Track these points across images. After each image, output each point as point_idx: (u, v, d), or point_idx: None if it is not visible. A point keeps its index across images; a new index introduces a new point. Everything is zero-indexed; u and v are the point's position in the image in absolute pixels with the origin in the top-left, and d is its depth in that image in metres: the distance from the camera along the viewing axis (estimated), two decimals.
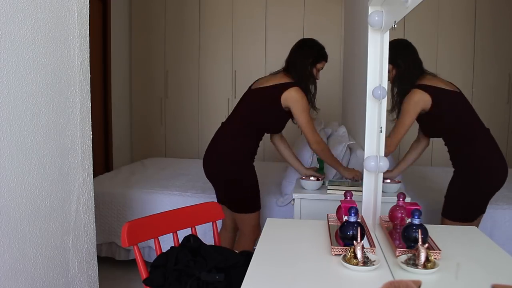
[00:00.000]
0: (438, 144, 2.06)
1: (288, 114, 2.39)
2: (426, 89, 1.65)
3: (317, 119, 3.64)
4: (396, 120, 1.71)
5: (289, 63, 2.45)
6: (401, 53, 1.69)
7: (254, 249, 1.46)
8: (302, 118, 2.33)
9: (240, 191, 2.40)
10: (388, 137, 1.68)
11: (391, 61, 1.64)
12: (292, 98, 2.31)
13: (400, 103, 1.66)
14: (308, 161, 2.85)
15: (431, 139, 1.93)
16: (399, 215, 1.54)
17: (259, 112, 2.40)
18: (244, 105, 2.47)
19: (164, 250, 1.48)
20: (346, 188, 2.26)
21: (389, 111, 1.68)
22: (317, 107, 2.50)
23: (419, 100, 1.65)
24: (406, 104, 1.67)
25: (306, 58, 2.42)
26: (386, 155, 1.67)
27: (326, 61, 2.51)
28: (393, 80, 1.71)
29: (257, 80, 2.56)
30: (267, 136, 2.66)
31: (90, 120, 1.88)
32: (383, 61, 1.69)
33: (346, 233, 1.44)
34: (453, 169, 1.81)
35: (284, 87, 2.33)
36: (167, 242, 2.79)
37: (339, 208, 1.71)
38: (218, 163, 2.40)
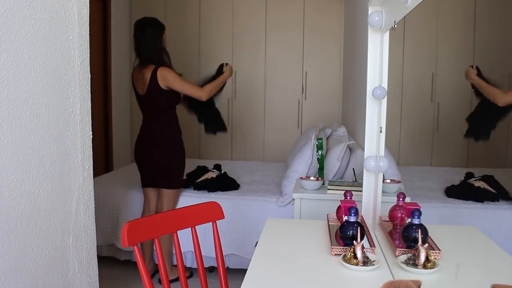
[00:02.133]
0: (438, 144, 2.06)
1: (172, 90, 2.73)
2: None
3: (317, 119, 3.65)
4: None
5: (142, 54, 2.75)
6: None
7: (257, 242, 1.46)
8: (178, 84, 2.70)
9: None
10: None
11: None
12: (163, 77, 2.67)
13: None
14: (308, 161, 2.85)
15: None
16: (399, 215, 1.55)
17: (164, 102, 2.77)
18: (148, 108, 2.85)
19: (164, 250, 1.48)
20: (346, 188, 2.27)
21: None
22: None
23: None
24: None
25: (153, 37, 2.72)
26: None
27: (163, 29, 2.79)
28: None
29: (132, 79, 2.91)
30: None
31: (90, 120, 1.88)
32: (383, 61, 1.69)
33: (346, 233, 1.44)
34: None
35: (154, 74, 2.68)
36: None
37: (339, 208, 1.71)
38: (154, 151, 2.81)
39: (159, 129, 2.83)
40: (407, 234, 1.38)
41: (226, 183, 3.10)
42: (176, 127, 2.86)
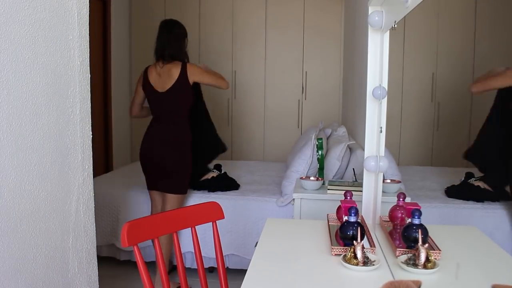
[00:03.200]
0: (438, 144, 2.06)
1: (193, 87, 2.76)
2: None
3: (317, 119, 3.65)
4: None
5: (168, 52, 2.72)
6: None
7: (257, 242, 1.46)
8: (206, 76, 2.76)
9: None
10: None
11: None
12: (194, 72, 2.71)
13: None
14: (308, 161, 2.85)
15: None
16: (399, 215, 1.54)
17: (184, 102, 2.76)
18: (167, 106, 2.78)
19: (164, 250, 1.48)
20: (346, 188, 2.26)
21: None
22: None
23: None
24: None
25: (180, 40, 2.77)
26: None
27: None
28: None
29: (147, 78, 2.82)
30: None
31: (90, 120, 1.87)
32: (383, 61, 1.69)
33: (346, 233, 1.44)
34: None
35: (184, 69, 2.70)
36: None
37: (339, 208, 1.71)
38: (164, 153, 2.76)
39: (173, 131, 2.76)
40: (407, 234, 1.38)
41: (226, 183, 3.10)
42: (189, 130, 2.80)
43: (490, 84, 1.60)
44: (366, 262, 1.32)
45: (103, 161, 4.64)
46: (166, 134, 2.77)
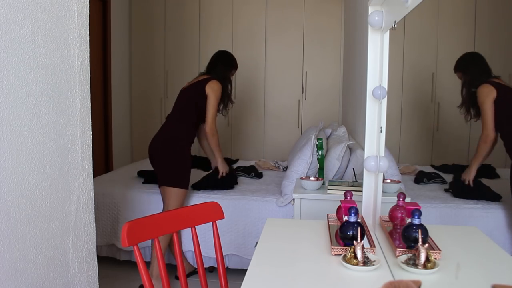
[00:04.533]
0: (438, 144, 2.06)
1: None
2: (491, 83, 1.67)
3: (317, 119, 3.67)
4: (479, 119, 1.73)
5: (211, 68, 3.05)
6: (471, 62, 1.75)
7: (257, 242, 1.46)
8: (212, 106, 2.90)
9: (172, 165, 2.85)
10: (481, 135, 1.72)
11: (460, 68, 1.73)
12: (211, 86, 2.91)
13: (469, 101, 1.70)
14: (308, 161, 2.85)
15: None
16: (399, 215, 1.54)
17: (193, 104, 2.93)
18: (180, 102, 3.01)
19: (164, 250, 1.48)
20: (346, 188, 2.26)
21: (459, 107, 1.73)
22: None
23: (489, 91, 1.68)
24: (480, 98, 1.70)
25: (226, 64, 3.08)
26: (487, 143, 1.71)
27: (236, 69, 3.18)
28: (462, 84, 1.75)
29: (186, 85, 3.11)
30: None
31: (90, 120, 1.87)
32: (383, 61, 1.69)
33: (346, 233, 1.44)
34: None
35: (208, 79, 2.95)
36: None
37: (339, 208, 1.71)
38: (163, 145, 2.87)
39: (174, 129, 2.90)
40: (407, 234, 1.38)
41: (224, 179, 3.11)
42: (190, 132, 2.92)
43: (489, 119, 1.69)
44: (366, 262, 1.32)
45: (103, 161, 4.64)
46: (167, 127, 2.94)
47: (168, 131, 2.92)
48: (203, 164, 3.78)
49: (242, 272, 1.74)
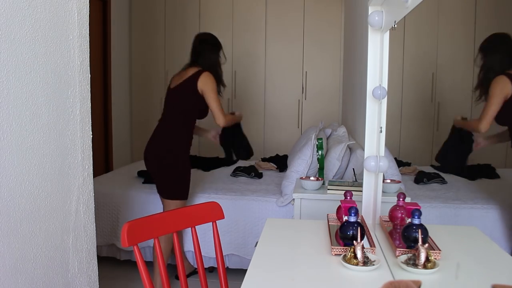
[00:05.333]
0: (438, 144, 2.05)
1: (203, 102, 2.72)
2: (509, 76, 1.62)
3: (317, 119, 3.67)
4: (484, 102, 1.67)
5: (197, 57, 2.78)
6: (494, 46, 1.68)
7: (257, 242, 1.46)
8: (214, 100, 2.68)
9: (173, 176, 2.71)
10: (477, 119, 1.66)
11: (482, 50, 1.63)
12: (204, 82, 2.67)
13: (483, 87, 1.65)
14: (308, 161, 2.85)
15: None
16: (399, 215, 1.54)
17: (185, 105, 2.73)
18: (172, 104, 2.78)
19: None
20: (346, 188, 2.26)
21: (473, 90, 1.66)
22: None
23: (503, 87, 1.63)
24: (491, 89, 1.65)
25: (212, 49, 2.80)
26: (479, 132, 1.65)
27: (222, 49, 2.89)
28: (481, 67, 1.69)
29: (171, 80, 2.87)
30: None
31: (90, 120, 1.88)
32: (383, 61, 1.69)
33: (346, 233, 1.44)
34: None
35: (198, 73, 2.69)
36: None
37: (339, 208, 1.71)
38: (158, 153, 2.71)
39: (170, 133, 2.71)
40: (407, 234, 1.38)
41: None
42: (187, 137, 2.75)
43: (490, 113, 1.62)
44: (366, 262, 1.32)
45: (103, 161, 4.64)
46: (163, 134, 2.73)
47: (165, 140, 2.71)
48: (203, 164, 3.78)
49: (242, 272, 1.74)
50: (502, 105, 1.60)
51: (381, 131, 1.69)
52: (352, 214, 1.44)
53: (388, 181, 2.09)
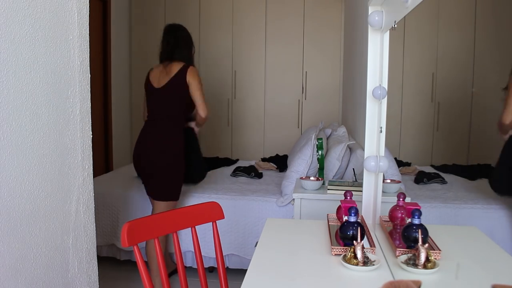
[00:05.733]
0: (438, 144, 2.06)
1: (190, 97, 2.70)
2: None
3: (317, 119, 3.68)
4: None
5: (175, 52, 2.73)
6: None
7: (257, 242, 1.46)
8: (199, 90, 2.67)
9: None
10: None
11: None
12: (192, 75, 2.66)
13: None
14: (308, 161, 2.85)
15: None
16: (399, 215, 1.54)
17: (178, 103, 2.69)
18: (162, 103, 2.71)
19: (164, 250, 1.47)
20: (346, 188, 2.27)
21: (503, 89, 1.61)
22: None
23: None
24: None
25: (189, 46, 2.79)
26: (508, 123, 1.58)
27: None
28: None
29: (148, 77, 2.82)
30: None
31: (90, 120, 1.87)
32: (383, 61, 1.69)
33: (346, 233, 1.44)
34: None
35: (184, 68, 2.67)
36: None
37: (339, 208, 1.71)
38: (153, 155, 2.66)
39: (163, 131, 2.66)
40: (407, 234, 1.38)
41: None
42: (181, 134, 2.69)
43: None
44: (366, 262, 1.32)
45: (103, 161, 4.64)
46: (156, 135, 2.66)
47: (159, 142, 2.64)
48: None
49: (242, 272, 1.74)
50: None
51: (381, 131, 1.69)
52: (352, 214, 1.44)
53: (388, 181, 2.09)
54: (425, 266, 1.24)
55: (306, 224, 1.88)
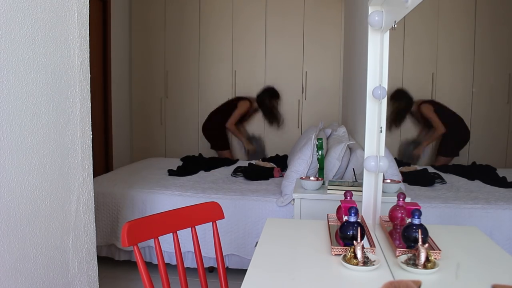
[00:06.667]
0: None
1: None
2: None
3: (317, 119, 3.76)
4: None
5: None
6: None
7: (257, 242, 1.46)
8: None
9: None
10: None
11: None
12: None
13: None
14: (308, 161, 2.85)
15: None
16: (399, 215, 1.54)
17: None
18: None
19: (164, 250, 1.48)
20: (346, 188, 2.26)
21: None
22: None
23: None
24: None
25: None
26: None
27: None
28: None
29: None
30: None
31: (90, 120, 1.88)
32: (383, 61, 1.69)
33: (346, 233, 1.44)
34: None
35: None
36: (167, 242, 2.80)
37: (339, 208, 1.71)
38: None
39: None
40: (407, 234, 1.38)
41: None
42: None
43: None
44: (366, 262, 1.32)
45: (103, 161, 4.64)
46: None
47: None
48: (204, 164, 3.80)
49: (242, 272, 1.74)
50: None
51: (381, 131, 1.69)
52: (352, 214, 1.44)
53: (388, 181, 2.09)
54: (425, 266, 1.24)
55: (306, 224, 1.88)
